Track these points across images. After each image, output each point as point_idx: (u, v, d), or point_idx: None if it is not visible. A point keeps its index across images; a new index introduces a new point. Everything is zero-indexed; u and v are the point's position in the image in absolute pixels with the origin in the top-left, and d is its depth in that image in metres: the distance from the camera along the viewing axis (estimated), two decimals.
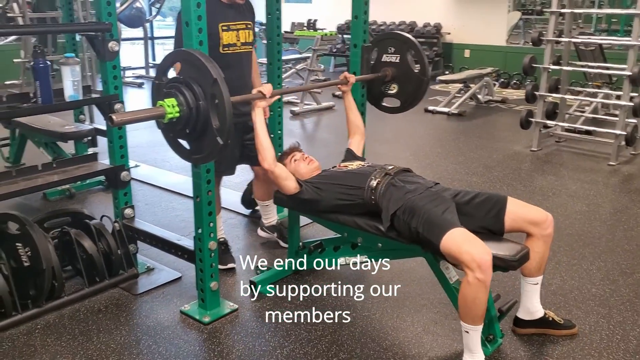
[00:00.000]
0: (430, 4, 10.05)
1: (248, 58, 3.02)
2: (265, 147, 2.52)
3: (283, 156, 2.82)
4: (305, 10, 11.20)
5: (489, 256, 2.05)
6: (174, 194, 4.20)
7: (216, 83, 2.07)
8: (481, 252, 2.05)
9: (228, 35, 2.84)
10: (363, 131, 3.03)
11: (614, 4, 12.88)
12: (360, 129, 3.02)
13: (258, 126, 2.53)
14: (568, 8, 5.51)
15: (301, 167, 2.72)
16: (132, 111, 2.17)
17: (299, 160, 2.76)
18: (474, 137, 6.08)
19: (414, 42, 3.07)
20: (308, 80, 7.84)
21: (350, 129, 3.03)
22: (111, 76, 2.78)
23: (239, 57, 2.92)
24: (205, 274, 2.53)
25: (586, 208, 4.01)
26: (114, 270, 2.85)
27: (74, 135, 4.08)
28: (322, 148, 5.85)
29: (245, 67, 2.99)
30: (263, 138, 2.53)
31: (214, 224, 2.49)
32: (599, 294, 2.84)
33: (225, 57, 2.83)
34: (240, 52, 2.92)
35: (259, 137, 2.53)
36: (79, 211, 3.02)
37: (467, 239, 2.12)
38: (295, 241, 2.92)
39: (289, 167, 2.72)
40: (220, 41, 2.81)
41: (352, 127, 3.02)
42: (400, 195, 2.36)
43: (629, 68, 4.97)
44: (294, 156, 2.78)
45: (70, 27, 4.00)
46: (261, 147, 2.52)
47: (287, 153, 2.83)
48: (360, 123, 3.03)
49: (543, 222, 2.32)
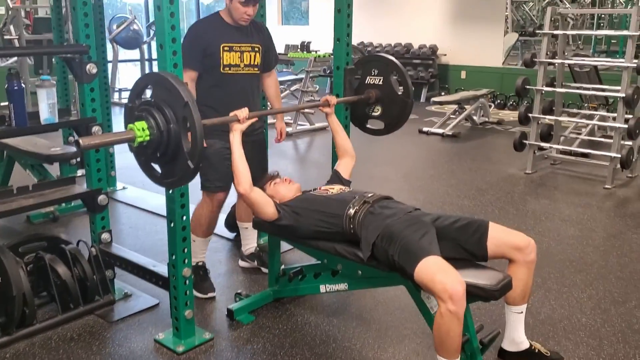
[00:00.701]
0: (426, 25, 10.06)
1: (255, 80, 3.00)
2: (240, 171, 2.46)
3: (263, 183, 2.76)
4: (302, 32, 11.24)
5: (461, 286, 1.98)
6: (159, 217, 4.13)
7: (187, 106, 2.02)
8: (454, 282, 1.97)
9: (230, 56, 2.84)
10: (352, 154, 2.96)
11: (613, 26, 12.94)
12: (348, 152, 2.94)
13: (234, 149, 2.48)
14: (561, 30, 5.48)
15: (281, 189, 2.66)
16: (102, 134, 2.13)
17: (279, 182, 2.70)
18: (468, 159, 6.02)
19: (398, 64, 3.04)
20: (302, 101, 7.82)
21: (339, 153, 2.97)
22: (89, 98, 2.73)
23: (241, 78, 2.90)
24: (179, 301, 2.45)
25: (579, 233, 3.93)
26: (90, 297, 2.76)
27: (59, 157, 4.02)
28: (314, 169, 5.80)
29: (249, 89, 2.97)
30: (239, 162, 2.47)
31: (188, 249, 2.42)
32: (590, 324, 2.75)
33: (225, 77, 2.85)
34: (243, 73, 2.90)
35: (235, 160, 2.47)
36: (56, 236, 2.95)
37: (441, 268, 2.04)
38: (275, 267, 2.85)
39: (268, 190, 2.66)
40: (221, 61, 2.82)
41: (340, 151, 2.96)
42: (379, 222, 2.30)
43: (622, 90, 4.92)
44: (274, 181, 2.72)
45: (47, 50, 3.98)
46: (237, 171, 2.46)
47: (267, 179, 2.77)
48: (349, 146, 2.96)
49: (525, 247, 2.26)
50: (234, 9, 2.79)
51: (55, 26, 4.76)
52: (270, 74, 3.14)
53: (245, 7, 2.77)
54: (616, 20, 13.09)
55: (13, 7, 8.24)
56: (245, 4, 2.76)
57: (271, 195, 2.62)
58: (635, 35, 4.84)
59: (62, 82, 4.73)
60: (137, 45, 9.47)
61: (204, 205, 3.01)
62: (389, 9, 10.36)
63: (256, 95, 3.06)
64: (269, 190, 2.66)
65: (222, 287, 3.09)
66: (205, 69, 2.83)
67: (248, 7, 2.78)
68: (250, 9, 2.79)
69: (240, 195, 2.49)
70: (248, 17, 2.83)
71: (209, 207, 3.00)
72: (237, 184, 2.45)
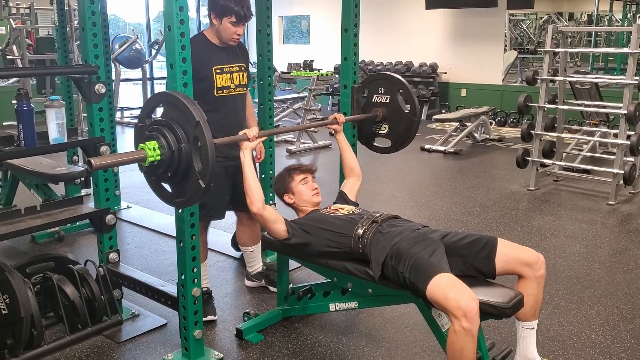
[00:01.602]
0: (426, 44, 10.14)
1: (242, 100, 2.99)
2: (254, 190, 2.45)
3: (295, 170, 2.75)
4: (303, 51, 11.33)
5: (475, 303, 1.97)
6: (165, 236, 4.12)
7: (199, 125, 2.03)
8: (467, 299, 1.97)
9: (222, 78, 2.81)
10: (359, 173, 2.94)
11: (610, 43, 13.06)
12: (355, 171, 2.93)
13: (246, 168, 2.46)
14: (562, 47, 5.53)
15: (304, 194, 2.68)
16: (113, 154, 2.14)
17: (309, 184, 2.71)
18: (471, 176, 6.03)
19: (404, 82, 3.05)
20: (305, 119, 7.85)
21: (345, 171, 2.96)
22: (97, 118, 2.74)
23: (233, 99, 2.89)
24: (188, 321, 2.44)
25: (585, 249, 3.93)
26: (97, 317, 2.75)
27: (65, 177, 4.02)
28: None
29: (240, 109, 2.96)
30: (252, 181, 2.46)
31: (198, 269, 2.42)
32: (599, 340, 2.74)
33: (219, 99, 2.82)
34: (234, 94, 2.89)
35: (248, 179, 2.46)
36: (63, 255, 2.95)
37: (454, 285, 2.04)
38: (284, 286, 2.84)
39: (293, 183, 2.68)
40: (215, 84, 2.79)
41: (347, 169, 2.95)
42: (387, 241, 2.30)
43: (624, 106, 4.95)
44: (306, 177, 2.73)
45: (56, 70, 4.00)
46: (250, 190, 2.45)
47: (302, 170, 2.76)
48: (356, 165, 2.95)
49: (535, 262, 2.25)
50: (224, 29, 2.75)
51: (60, 46, 4.80)
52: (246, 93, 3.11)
53: (236, 27, 2.74)
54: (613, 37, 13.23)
55: (15, 28, 8.30)
56: (236, 24, 2.73)
57: (294, 191, 2.67)
58: (636, 52, 4.87)
59: (67, 101, 4.75)
60: (139, 65, 9.52)
61: None
62: (390, 28, 10.44)
63: (244, 114, 3.01)
64: (294, 185, 2.69)
65: (230, 306, 3.08)
66: (198, 93, 2.77)
67: (239, 27, 2.75)
68: (240, 28, 2.77)
69: (254, 214, 2.47)
70: (238, 37, 2.81)
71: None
72: (250, 203, 2.44)
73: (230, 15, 2.71)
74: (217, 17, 2.74)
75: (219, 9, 2.72)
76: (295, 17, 12.76)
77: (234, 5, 2.69)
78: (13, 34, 8.34)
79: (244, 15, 2.72)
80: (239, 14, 2.71)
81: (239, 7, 2.69)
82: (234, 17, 2.71)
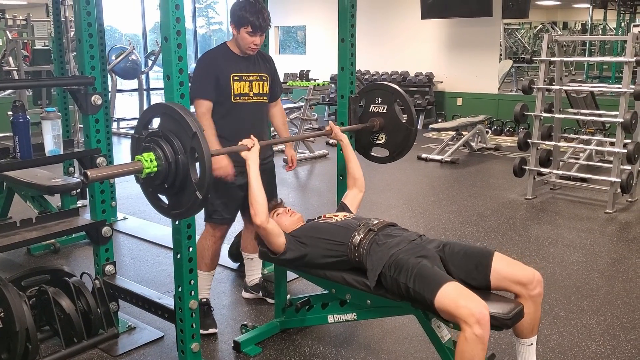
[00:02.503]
0: (422, 53, 10.18)
1: (262, 109, 3.01)
2: (259, 202, 2.40)
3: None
4: (299, 61, 11.34)
5: (487, 310, 1.96)
6: (161, 248, 4.10)
7: (196, 136, 2.01)
8: (479, 307, 1.96)
9: (240, 85, 2.86)
10: (362, 184, 2.89)
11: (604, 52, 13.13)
12: (358, 182, 2.89)
13: (252, 180, 2.41)
14: (558, 56, 5.54)
15: (283, 220, 2.64)
16: (109, 166, 2.12)
17: (282, 214, 2.68)
18: (468, 185, 6.02)
19: (401, 92, 3.05)
20: (302, 129, 7.85)
21: (348, 182, 2.92)
22: (93, 130, 2.73)
23: (251, 107, 2.92)
24: (185, 334, 2.41)
25: (583, 258, 3.92)
26: (93, 330, 2.72)
27: (61, 188, 4.01)
28: (315, 197, 5.79)
29: (259, 118, 2.99)
30: (257, 192, 2.41)
31: (195, 281, 2.39)
32: (600, 350, 2.72)
33: (236, 106, 2.87)
34: (253, 102, 2.92)
35: (253, 190, 2.41)
36: (59, 268, 2.92)
37: (463, 294, 2.02)
38: (282, 298, 2.82)
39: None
40: (232, 90, 2.84)
41: (350, 180, 2.91)
42: (384, 252, 2.28)
43: (620, 115, 4.96)
44: (276, 211, 2.70)
45: (52, 82, 3.99)
46: (254, 202, 2.40)
47: (270, 208, 2.74)
48: (360, 175, 2.90)
49: (529, 282, 2.20)
50: (242, 39, 2.81)
51: (56, 57, 4.79)
52: (277, 104, 3.15)
53: (253, 36, 2.79)
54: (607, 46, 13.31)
55: (12, 39, 8.31)
56: (252, 34, 2.78)
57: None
58: (631, 61, 4.89)
59: (63, 113, 4.73)
60: (136, 76, 9.52)
61: (208, 237, 2.98)
62: (386, 38, 10.48)
63: (265, 124, 3.07)
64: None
65: (227, 318, 3.06)
66: (216, 99, 2.83)
67: (255, 37, 2.80)
68: (257, 38, 2.81)
69: (257, 227, 2.43)
70: (255, 47, 2.85)
71: (212, 239, 2.97)
72: (254, 215, 2.39)
73: (247, 26, 2.77)
74: (236, 27, 2.81)
75: (236, 19, 2.80)
76: (291, 27, 12.81)
77: (249, 15, 2.75)
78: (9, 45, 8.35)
79: (259, 25, 2.78)
80: (254, 24, 2.76)
81: (255, 18, 2.76)
82: (249, 27, 2.77)
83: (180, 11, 2.16)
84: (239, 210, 3.04)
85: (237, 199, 2.93)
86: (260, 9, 2.79)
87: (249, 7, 2.77)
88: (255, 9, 2.77)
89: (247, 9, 2.76)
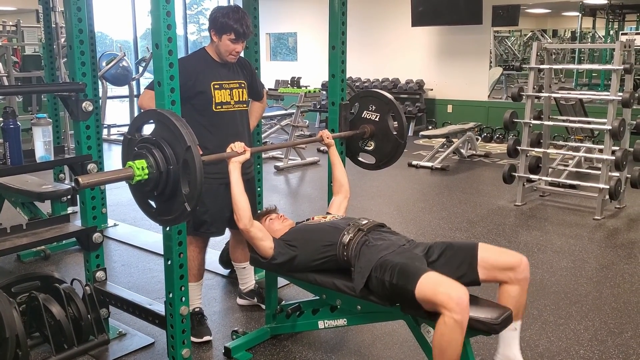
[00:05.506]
0: (412, 61, 10.23)
1: (243, 116, 2.98)
2: (240, 207, 2.43)
3: (259, 216, 2.75)
4: (290, 68, 11.38)
5: (466, 296, 1.99)
6: (152, 254, 4.10)
7: (189, 150, 2.01)
8: (459, 292, 1.99)
9: (220, 94, 2.82)
10: (347, 190, 2.92)
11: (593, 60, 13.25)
12: (343, 188, 2.92)
13: (234, 185, 2.44)
14: (547, 64, 5.60)
15: (275, 225, 2.65)
16: (100, 172, 2.12)
17: (274, 219, 2.70)
18: (458, 192, 6.06)
19: (395, 104, 3.06)
20: (293, 135, 7.86)
21: (334, 187, 2.96)
22: (84, 136, 2.73)
23: (233, 115, 2.88)
24: (176, 340, 2.41)
25: (572, 264, 3.95)
26: (84, 337, 2.71)
27: (51, 195, 4.01)
28: (306, 203, 5.80)
29: (241, 125, 2.94)
30: (239, 197, 2.44)
31: (186, 287, 2.40)
32: (588, 356, 2.75)
33: (218, 115, 2.82)
34: (234, 110, 2.88)
35: (235, 196, 2.44)
36: (49, 274, 2.91)
37: (442, 281, 2.06)
38: (273, 304, 2.82)
39: (263, 225, 2.66)
40: (213, 99, 2.79)
41: (336, 185, 2.94)
42: (374, 255, 2.30)
43: (609, 122, 5.01)
44: (269, 216, 2.72)
45: (43, 88, 3.98)
46: (237, 207, 2.44)
47: (264, 214, 2.76)
48: (345, 181, 2.93)
49: (518, 265, 2.24)
50: (223, 46, 2.77)
51: (47, 64, 4.78)
52: (262, 101, 3.13)
53: (235, 44, 2.77)
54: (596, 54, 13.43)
55: (2, 45, 8.28)
56: (235, 42, 2.75)
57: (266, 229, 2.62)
58: (619, 69, 4.95)
59: (54, 119, 4.73)
60: (126, 82, 9.51)
61: (191, 248, 2.87)
62: (376, 45, 10.53)
63: (247, 132, 3.01)
64: (264, 225, 2.65)
65: (218, 324, 3.06)
66: (197, 109, 2.78)
67: (237, 45, 2.78)
68: (239, 46, 2.79)
69: (241, 231, 2.47)
70: (236, 54, 2.82)
71: (196, 250, 2.93)
72: (238, 220, 2.43)
73: (230, 33, 2.73)
74: (217, 34, 2.77)
75: (218, 26, 2.75)
76: (282, 34, 12.85)
77: (233, 23, 2.72)
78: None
79: (242, 32, 2.75)
80: (237, 32, 2.73)
81: (238, 25, 2.72)
82: (233, 34, 2.73)
83: (171, 18, 2.16)
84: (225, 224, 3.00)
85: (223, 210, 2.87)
86: (243, 16, 2.76)
87: (232, 14, 2.73)
88: (238, 16, 2.73)
89: (230, 15, 2.73)
